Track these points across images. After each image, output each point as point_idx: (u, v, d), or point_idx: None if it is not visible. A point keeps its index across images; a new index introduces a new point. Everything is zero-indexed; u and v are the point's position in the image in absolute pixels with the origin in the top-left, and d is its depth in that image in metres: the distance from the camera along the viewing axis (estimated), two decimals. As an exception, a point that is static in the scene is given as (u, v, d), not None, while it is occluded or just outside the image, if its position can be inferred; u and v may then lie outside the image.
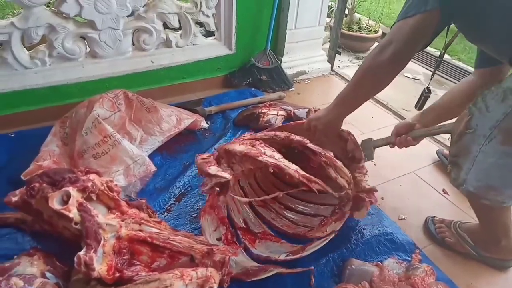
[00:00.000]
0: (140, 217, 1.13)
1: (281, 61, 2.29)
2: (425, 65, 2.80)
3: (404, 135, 1.33)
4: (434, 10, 1.00)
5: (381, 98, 2.23)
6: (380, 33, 3.05)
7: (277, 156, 1.25)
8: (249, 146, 1.29)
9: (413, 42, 1.07)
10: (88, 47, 1.78)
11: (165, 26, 1.92)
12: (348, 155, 1.37)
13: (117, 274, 0.96)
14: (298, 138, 1.31)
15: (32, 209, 1.06)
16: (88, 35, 1.71)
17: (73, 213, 0.99)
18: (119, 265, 0.98)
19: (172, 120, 1.59)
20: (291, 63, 2.34)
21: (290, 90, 2.27)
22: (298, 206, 1.43)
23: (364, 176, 1.35)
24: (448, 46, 1.32)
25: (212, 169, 1.25)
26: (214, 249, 1.03)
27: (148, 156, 1.47)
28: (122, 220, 1.08)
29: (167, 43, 1.96)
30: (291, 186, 1.33)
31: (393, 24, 1.09)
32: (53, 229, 1.11)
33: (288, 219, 1.39)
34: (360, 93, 1.23)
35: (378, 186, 1.57)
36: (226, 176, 1.22)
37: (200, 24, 2.04)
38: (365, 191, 1.27)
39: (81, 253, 0.93)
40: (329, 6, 2.46)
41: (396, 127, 1.39)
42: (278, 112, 1.89)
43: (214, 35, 2.15)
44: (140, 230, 1.07)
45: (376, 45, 1.13)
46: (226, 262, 1.04)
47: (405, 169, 1.68)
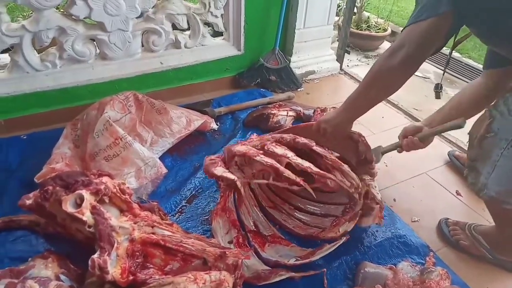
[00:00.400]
0: (153, 219, 1.13)
1: (290, 61, 2.28)
2: (435, 64, 2.77)
3: (411, 136, 1.31)
4: (447, 13, 0.97)
5: (391, 97, 2.18)
6: (389, 31, 3.02)
7: (289, 154, 1.24)
8: (250, 146, 1.28)
9: (425, 46, 1.04)
10: (97, 49, 1.78)
11: (174, 27, 1.92)
12: (360, 157, 1.35)
13: (131, 277, 0.95)
14: (303, 140, 1.30)
15: (45, 212, 1.06)
16: (97, 37, 1.72)
17: (86, 216, 0.99)
18: (133, 268, 0.98)
19: (182, 121, 1.59)
20: (300, 62, 2.33)
21: (299, 90, 2.26)
22: (309, 206, 1.42)
23: (373, 180, 1.34)
24: (457, 44, 1.29)
25: (218, 170, 1.25)
26: (227, 252, 1.03)
27: (159, 158, 1.46)
28: (135, 223, 1.07)
29: (176, 44, 1.96)
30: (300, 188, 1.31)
31: (404, 27, 1.07)
32: (66, 232, 1.11)
33: (300, 220, 1.38)
34: (370, 97, 1.21)
35: (391, 188, 1.56)
36: (232, 177, 1.22)
37: (208, 24, 2.03)
38: (373, 201, 1.26)
39: (95, 256, 0.93)
40: (337, 4, 2.44)
41: (403, 129, 1.37)
42: (287, 113, 1.88)
43: (221, 35, 2.14)
44: (153, 233, 1.06)
45: (387, 48, 1.11)
46: (239, 266, 1.04)
47: (417, 170, 1.66)
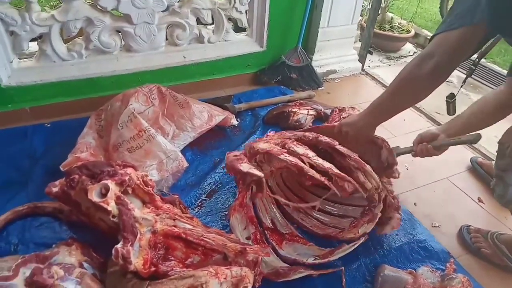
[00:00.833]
0: (174, 212, 1.14)
1: (311, 59, 2.26)
2: (459, 68, 2.72)
3: (425, 143, 1.27)
4: (481, 23, 0.93)
5: (413, 100, 2.17)
6: (412, 33, 2.97)
7: (310, 154, 1.23)
8: (273, 144, 1.27)
9: (456, 56, 1.00)
10: (123, 41, 1.80)
11: (198, 21, 1.92)
12: (383, 163, 1.33)
13: (153, 269, 0.97)
14: (326, 139, 1.29)
15: (70, 200, 1.08)
16: (123, 29, 1.73)
17: (111, 206, 1.01)
18: (155, 259, 0.99)
19: (204, 116, 1.59)
20: (321, 61, 2.31)
21: (319, 89, 2.25)
22: (326, 206, 1.41)
23: (390, 184, 1.33)
24: (486, 53, 1.25)
25: (244, 166, 1.24)
26: (247, 249, 1.03)
27: (180, 152, 1.47)
28: (157, 215, 1.08)
29: (200, 39, 1.96)
30: (318, 186, 1.30)
31: (433, 35, 1.03)
32: (89, 220, 1.13)
33: (317, 219, 1.37)
34: (395, 104, 1.18)
35: (411, 192, 1.54)
36: (259, 174, 1.21)
37: (230, 19, 2.02)
38: (392, 209, 1.26)
39: (119, 246, 0.94)
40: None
41: (419, 135, 1.32)
42: (308, 112, 1.86)
43: (242, 31, 2.14)
44: (174, 226, 1.07)
45: (416, 55, 1.07)
46: (258, 262, 1.04)
47: (439, 175, 1.63)
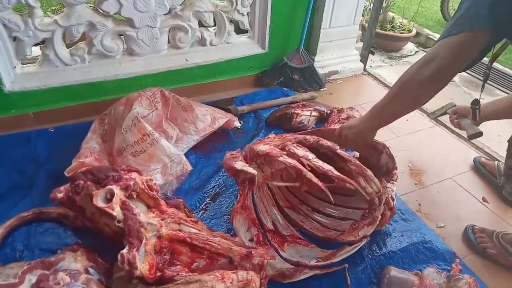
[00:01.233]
0: (179, 216, 1.14)
1: (313, 61, 2.26)
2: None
3: (455, 116, 1.50)
4: (485, 29, 0.92)
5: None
6: (414, 32, 2.96)
7: (310, 156, 1.23)
8: (272, 146, 1.27)
9: (458, 61, 1.00)
10: (125, 44, 1.80)
11: (199, 24, 1.92)
12: (383, 169, 1.33)
13: (158, 274, 0.97)
14: (328, 143, 1.28)
15: (75, 206, 1.09)
16: (126, 33, 1.74)
17: (116, 211, 1.01)
18: (160, 264, 0.99)
19: (207, 119, 1.59)
20: (323, 62, 2.31)
21: (322, 90, 2.24)
22: (327, 209, 1.41)
23: (392, 183, 1.33)
24: (496, 57, 1.25)
25: (239, 164, 1.24)
26: (253, 252, 1.03)
27: (184, 155, 1.47)
28: (162, 219, 1.09)
29: (202, 41, 1.96)
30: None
31: (437, 40, 1.03)
32: (94, 226, 1.13)
33: (317, 221, 1.37)
34: (396, 107, 1.17)
35: (415, 192, 1.54)
36: (252, 171, 1.21)
37: (231, 22, 2.02)
38: (387, 207, 1.26)
39: (124, 252, 0.94)
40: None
41: (457, 106, 1.55)
42: (311, 113, 1.86)
43: (245, 33, 2.14)
44: (180, 230, 1.07)
45: (418, 59, 1.06)
46: (264, 265, 1.04)
47: (443, 175, 1.63)
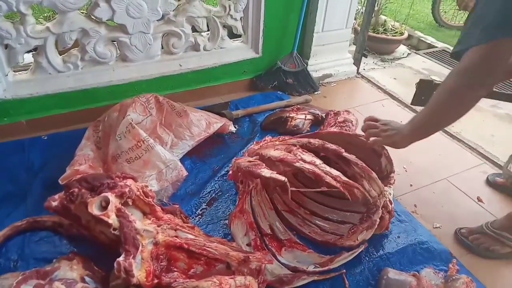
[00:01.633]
0: (175, 222, 1.13)
1: (307, 64, 2.27)
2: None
3: None
4: None
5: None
6: (406, 35, 2.99)
7: (318, 161, 1.23)
8: (285, 152, 1.27)
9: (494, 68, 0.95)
10: (118, 51, 1.80)
11: (193, 29, 1.93)
12: (383, 173, 1.33)
13: (156, 281, 0.96)
14: (333, 146, 1.29)
15: (70, 214, 1.08)
16: (119, 39, 1.73)
17: (112, 218, 1.00)
18: (157, 271, 0.98)
19: (202, 124, 1.59)
20: (317, 66, 2.32)
21: (316, 93, 2.25)
22: (325, 212, 1.40)
23: (389, 186, 1.33)
24: None
25: (266, 172, 1.23)
26: (250, 257, 1.03)
27: (179, 161, 1.47)
28: (158, 226, 1.08)
29: (195, 47, 1.96)
30: (317, 192, 1.29)
31: (464, 48, 0.97)
32: (89, 234, 1.12)
33: (316, 225, 1.36)
34: (437, 121, 1.13)
35: (411, 193, 1.55)
36: (282, 178, 1.19)
37: (225, 27, 2.03)
38: (385, 211, 1.25)
39: (121, 259, 0.93)
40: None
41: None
42: (306, 116, 1.86)
43: (238, 38, 2.14)
44: (176, 236, 1.07)
45: (453, 71, 1.04)
46: (262, 270, 1.04)
47: (437, 176, 1.64)
